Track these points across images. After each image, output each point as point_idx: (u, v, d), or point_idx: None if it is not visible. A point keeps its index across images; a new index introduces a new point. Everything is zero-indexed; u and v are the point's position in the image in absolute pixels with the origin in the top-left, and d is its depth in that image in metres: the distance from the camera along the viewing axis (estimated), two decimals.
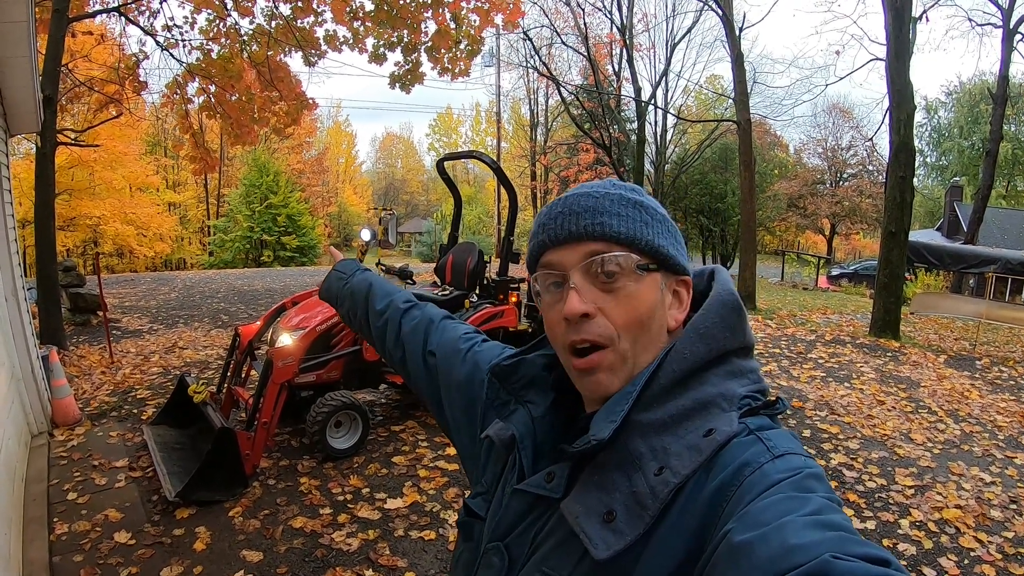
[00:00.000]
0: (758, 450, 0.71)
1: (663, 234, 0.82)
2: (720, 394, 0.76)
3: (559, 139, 33.26)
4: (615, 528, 0.72)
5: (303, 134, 39.53)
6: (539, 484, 0.83)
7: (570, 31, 22.38)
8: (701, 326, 0.80)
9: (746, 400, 0.77)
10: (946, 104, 41.62)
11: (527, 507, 0.85)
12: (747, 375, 0.80)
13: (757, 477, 0.67)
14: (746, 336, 0.82)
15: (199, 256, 33.76)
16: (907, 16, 10.42)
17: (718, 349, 0.79)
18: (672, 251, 0.83)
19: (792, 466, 0.68)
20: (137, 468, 4.54)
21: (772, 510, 0.61)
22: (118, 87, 9.41)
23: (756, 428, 0.74)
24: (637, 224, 0.80)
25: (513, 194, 6.27)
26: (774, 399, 0.79)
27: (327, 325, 4.85)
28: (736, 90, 15.03)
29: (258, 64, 9.15)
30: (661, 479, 0.72)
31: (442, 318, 1.25)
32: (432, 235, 34.69)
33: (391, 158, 66.01)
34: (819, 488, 0.66)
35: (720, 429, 0.73)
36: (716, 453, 0.72)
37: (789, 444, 0.72)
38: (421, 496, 4.23)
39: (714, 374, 0.78)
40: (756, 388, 0.79)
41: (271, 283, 16.45)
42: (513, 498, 0.87)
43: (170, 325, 10.05)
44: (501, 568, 0.85)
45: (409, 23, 8.95)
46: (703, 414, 0.75)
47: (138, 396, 6.16)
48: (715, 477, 0.70)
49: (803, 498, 0.63)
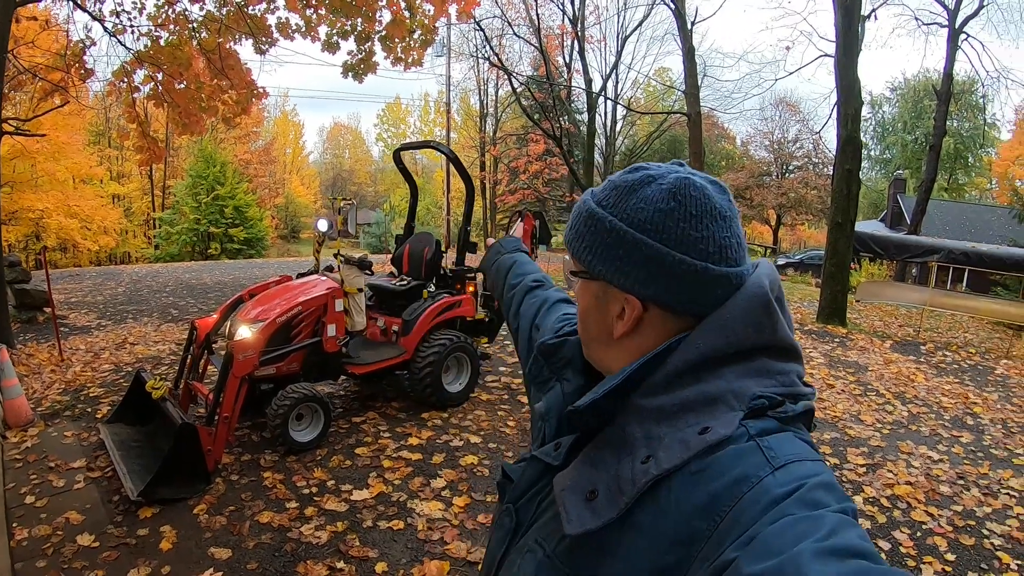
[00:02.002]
0: (757, 461, 0.66)
1: (596, 249, 0.81)
2: (731, 391, 0.72)
3: (509, 130, 33.34)
4: (593, 507, 0.72)
5: (250, 124, 38.81)
6: (548, 452, 0.87)
7: (522, 22, 22.42)
8: (721, 317, 0.76)
9: (760, 400, 0.72)
10: (891, 100, 42.87)
11: (538, 475, 0.89)
12: (775, 376, 0.75)
13: (757, 493, 0.64)
14: (777, 334, 0.77)
15: (145, 249, 32.79)
16: (856, 14, 10.70)
17: (737, 343, 0.75)
18: (600, 266, 0.81)
19: (795, 477, 0.65)
20: (96, 468, 4.41)
21: (783, 536, 0.58)
22: (64, 74, 9.06)
23: (757, 432, 0.69)
24: (574, 235, 0.85)
25: (470, 184, 6.28)
26: (782, 401, 0.73)
27: (287, 317, 4.77)
28: (687, 83, 15.26)
29: (208, 52, 8.92)
30: (644, 468, 0.70)
31: (557, 300, 1.29)
32: (381, 226, 34.38)
33: (339, 148, 65.17)
34: (829, 500, 0.62)
35: (716, 429, 0.69)
36: (707, 453, 0.68)
37: (793, 450, 0.68)
38: (387, 486, 4.21)
39: (732, 370, 0.74)
40: (779, 390, 0.74)
41: (220, 276, 16.11)
42: (530, 464, 0.91)
43: (119, 321, 9.76)
44: (509, 529, 0.90)
45: (364, 11, 8.84)
46: (707, 409, 0.72)
47: (91, 394, 5.97)
48: (707, 485, 0.66)
49: (814, 518, 0.59)
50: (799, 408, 0.74)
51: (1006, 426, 6.12)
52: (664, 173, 0.80)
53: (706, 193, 0.78)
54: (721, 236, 0.77)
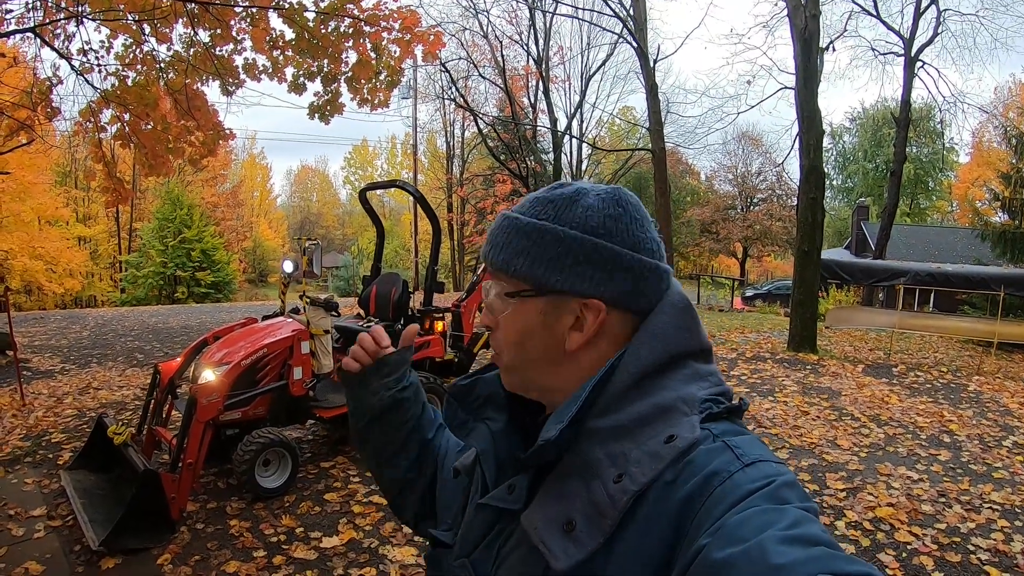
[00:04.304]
0: (727, 458, 0.69)
1: (548, 260, 0.80)
2: (680, 398, 0.75)
3: (475, 171, 33.49)
4: (575, 538, 0.70)
5: (218, 166, 38.59)
6: (501, 497, 0.83)
7: (487, 63, 22.64)
8: (653, 326, 0.80)
9: (707, 404, 0.75)
10: (850, 129, 44.13)
11: (491, 521, 0.86)
12: (707, 378, 0.79)
13: (728, 487, 0.66)
14: (701, 338, 0.82)
15: (111, 293, 32.21)
16: (815, 46, 10.96)
17: (673, 349, 0.78)
18: (555, 276, 0.80)
19: (764, 474, 0.67)
20: (56, 516, 4.24)
21: (749, 524, 0.60)
22: (30, 112, 8.94)
23: (721, 433, 0.72)
24: (511, 253, 0.82)
25: (437, 224, 6.28)
26: (737, 405, 0.78)
27: (252, 359, 4.67)
28: (651, 120, 15.48)
29: (175, 92, 8.86)
30: (620, 487, 0.70)
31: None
32: (349, 269, 34.20)
33: (306, 192, 64.96)
34: (793, 498, 0.64)
35: (681, 435, 0.71)
36: (679, 460, 0.70)
37: (759, 451, 0.71)
38: (358, 533, 4.09)
39: (672, 378, 0.77)
40: (718, 391, 0.78)
41: (187, 320, 15.84)
42: (477, 513, 0.88)
43: (83, 365, 9.54)
44: None
45: (330, 52, 8.86)
46: (663, 419, 0.73)
47: (53, 440, 5.78)
48: (682, 486, 0.68)
49: (779, 510, 0.61)
50: (745, 404, 0.80)
51: (983, 441, 6.17)
52: (591, 186, 0.85)
53: (636, 200, 0.85)
54: (655, 237, 0.84)
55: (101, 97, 8.82)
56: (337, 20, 8.53)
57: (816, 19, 10.84)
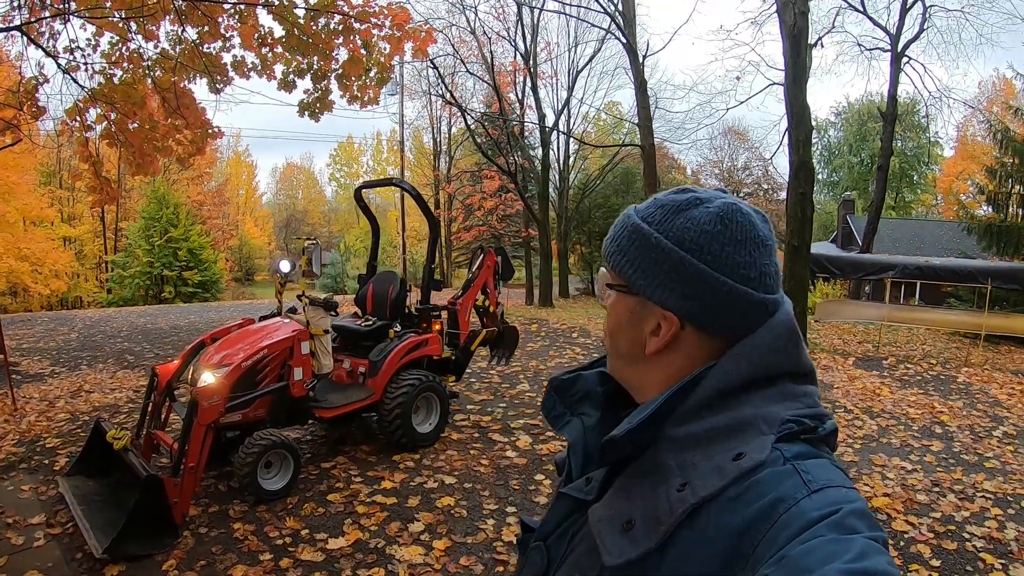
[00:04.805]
0: (794, 483, 0.67)
1: (639, 264, 0.81)
2: (761, 416, 0.74)
3: (463, 167, 33.36)
4: (632, 537, 0.72)
5: (204, 165, 38.13)
6: (579, 488, 0.87)
7: (474, 59, 22.55)
8: (748, 344, 0.78)
9: (789, 424, 0.73)
10: (835, 124, 44.35)
11: (568, 510, 0.89)
12: (799, 399, 0.77)
13: (793, 514, 0.65)
14: (800, 360, 0.80)
15: (97, 293, 31.81)
16: (804, 42, 11.00)
17: (764, 369, 0.77)
18: (641, 280, 0.81)
19: (831, 501, 0.65)
20: (56, 524, 4.20)
21: (813, 556, 0.59)
22: (16, 111, 8.83)
23: (793, 456, 0.70)
24: (616, 248, 0.85)
25: (433, 221, 6.27)
26: (815, 425, 0.75)
27: (252, 361, 4.64)
28: (640, 115, 15.47)
29: (163, 90, 8.78)
30: (680, 496, 0.71)
31: None
32: (337, 266, 33.96)
33: (292, 189, 64.22)
34: (862, 527, 0.63)
35: (750, 454, 0.70)
36: (743, 478, 0.69)
37: (829, 475, 0.69)
38: (363, 533, 4.08)
39: (759, 395, 0.76)
40: (806, 413, 0.75)
41: (175, 320, 15.72)
42: (558, 501, 0.92)
43: (73, 368, 9.45)
44: (541, 566, 0.90)
45: (321, 49, 8.80)
46: (738, 435, 0.73)
47: (47, 445, 5.73)
48: (746, 507, 0.67)
49: (846, 540, 0.60)
50: (828, 429, 0.77)
51: (974, 431, 6.27)
52: (712, 197, 0.82)
53: (752, 220, 0.80)
54: (762, 263, 0.79)
55: (88, 95, 8.73)
56: (327, 17, 8.48)
57: (805, 16, 10.87)
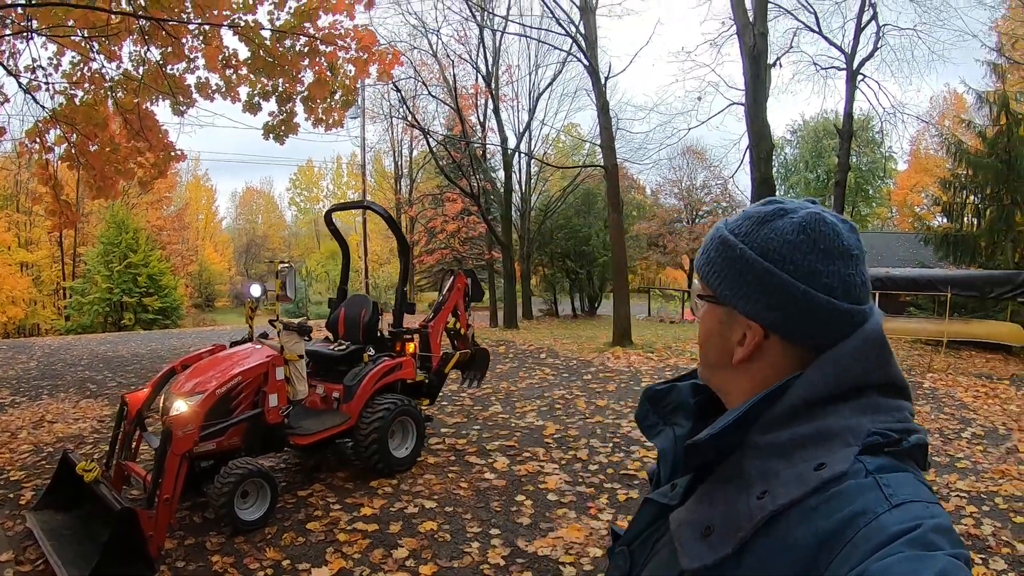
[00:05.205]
0: (875, 497, 0.67)
1: (725, 275, 0.84)
2: (847, 427, 0.74)
3: (424, 190, 33.29)
4: (710, 543, 0.74)
5: (163, 189, 37.53)
6: (664, 493, 0.90)
7: (436, 82, 22.64)
8: (834, 355, 0.78)
9: (874, 436, 0.73)
10: (791, 142, 45.55)
11: (653, 516, 0.92)
12: (889, 412, 0.77)
13: (873, 529, 0.64)
14: (890, 372, 0.79)
15: (55, 320, 30.87)
16: (763, 63, 11.28)
17: (851, 380, 0.77)
18: (727, 291, 0.84)
19: (912, 516, 0.65)
20: (25, 561, 4.04)
21: (891, 572, 0.59)
22: None
23: (875, 469, 0.70)
24: (706, 260, 0.88)
25: (404, 244, 6.25)
26: (899, 438, 0.74)
27: (226, 388, 4.54)
28: (602, 136, 15.59)
29: (126, 111, 8.64)
30: (760, 503, 0.72)
31: None
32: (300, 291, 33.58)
33: (252, 214, 63.37)
34: (944, 543, 0.62)
35: (832, 465, 0.70)
36: (824, 488, 0.69)
37: (911, 490, 0.69)
38: (347, 561, 4.00)
39: (846, 407, 0.76)
40: (894, 425, 0.75)
41: (136, 348, 15.32)
42: (644, 506, 0.95)
43: (34, 397, 9.16)
44: (624, 569, 0.93)
45: (286, 71, 8.74)
46: (822, 445, 0.73)
47: (12, 478, 5.52)
48: (826, 518, 0.67)
49: (926, 558, 0.60)
50: (912, 442, 0.75)
51: (943, 434, 6.44)
52: (797, 208, 0.83)
53: (836, 230, 0.80)
54: (846, 273, 0.79)
55: (49, 116, 8.54)
56: (293, 39, 8.46)
57: (764, 37, 11.16)
